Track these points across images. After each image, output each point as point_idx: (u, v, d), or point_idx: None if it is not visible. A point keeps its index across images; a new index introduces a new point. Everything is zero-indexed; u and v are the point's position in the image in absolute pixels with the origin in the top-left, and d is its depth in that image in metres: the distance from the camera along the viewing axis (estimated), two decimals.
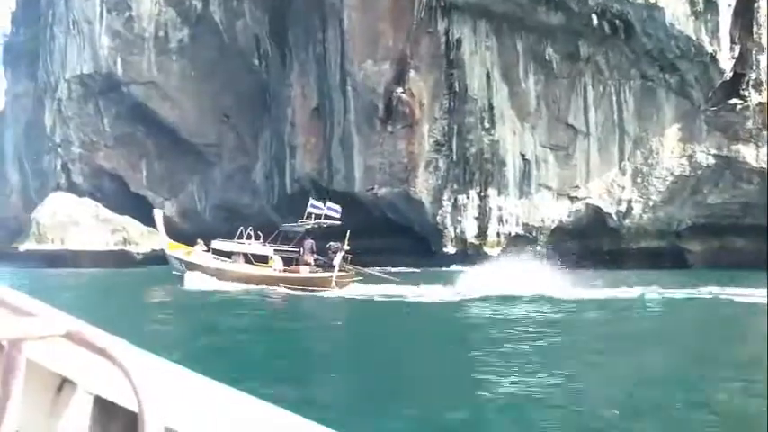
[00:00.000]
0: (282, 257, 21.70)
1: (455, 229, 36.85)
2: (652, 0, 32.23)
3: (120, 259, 36.78)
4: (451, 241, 36.76)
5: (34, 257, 36.07)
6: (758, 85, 32.63)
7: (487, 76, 36.96)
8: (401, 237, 38.62)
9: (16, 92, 63.45)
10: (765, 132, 32.48)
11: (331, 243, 21.28)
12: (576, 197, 36.05)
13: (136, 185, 48.19)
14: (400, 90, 37.63)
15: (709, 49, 32.18)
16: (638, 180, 35.09)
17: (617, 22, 33.49)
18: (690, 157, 34.22)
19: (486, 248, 35.93)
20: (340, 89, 39.46)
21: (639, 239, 35.53)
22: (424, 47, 37.79)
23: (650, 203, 35.05)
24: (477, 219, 36.71)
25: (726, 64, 32.41)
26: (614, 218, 35.49)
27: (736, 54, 32.56)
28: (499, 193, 36.54)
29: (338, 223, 21.92)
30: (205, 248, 21.68)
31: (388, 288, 19.19)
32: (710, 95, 33.33)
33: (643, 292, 16.78)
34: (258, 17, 44.17)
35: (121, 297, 19.75)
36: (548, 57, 35.91)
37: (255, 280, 20.04)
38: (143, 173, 48.05)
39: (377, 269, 23.18)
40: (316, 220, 21.68)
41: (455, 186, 37.02)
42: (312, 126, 41.92)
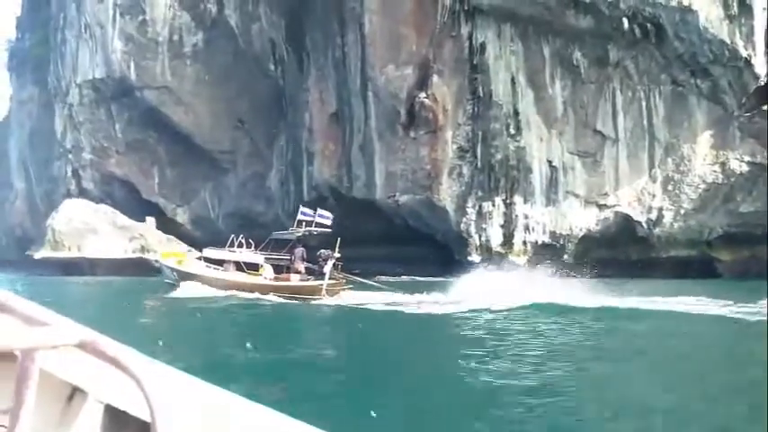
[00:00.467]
0: (274, 265, 21.76)
1: (480, 237, 35.92)
2: (685, 3, 31.52)
3: (139, 267, 35.69)
4: (476, 249, 35.81)
5: (47, 265, 35.01)
6: None
7: (512, 80, 36.13)
8: (423, 245, 37.71)
9: (21, 98, 62.62)
10: None
11: (321, 251, 21.06)
12: (605, 205, 35.16)
13: (147, 192, 47.15)
14: (423, 95, 36.74)
15: (744, 53, 31.46)
16: (669, 187, 34.23)
17: (648, 25, 32.76)
18: (723, 165, 33.41)
19: (512, 257, 35.04)
20: (360, 94, 38.58)
21: (669, 248, 34.66)
22: (447, 51, 36.97)
23: (681, 211, 34.18)
24: (502, 227, 35.76)
25: (761, 68, 31.66)
26: (644, 226, 34.60)
27: None
28: (525, 201, 35.63)
29: (330, 230, 21.92)
30: (198, 257, 22.04)
31: (387, 296, 19.18)
32: (744, 101, 32.54)
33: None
34: (274, 21, 43.36)
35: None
36: (575, 61, 35.11)
37: (246, 288, 20.13)
38: (155, 179, 47.02)
39: (387, 278, 23.45)
40: (306, 227, 21.64)
41: (480, 193, 36.09)
42: (330, 132, 41.04)
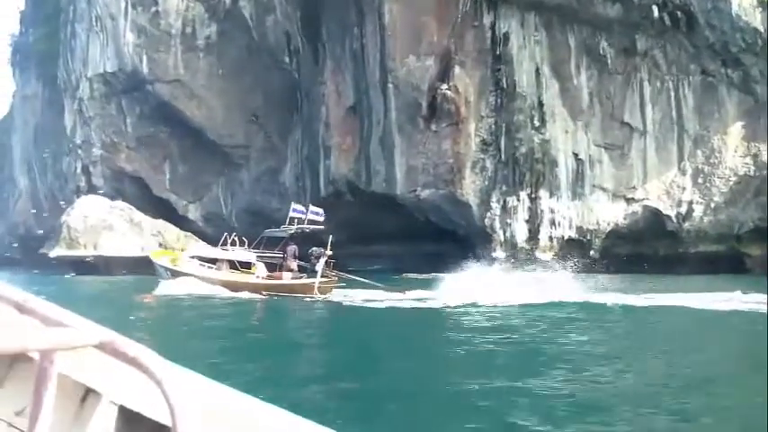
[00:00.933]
0: (266, 263, 21.77)
1: (504, 232, 35.04)
2: None
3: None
4: (501, 245, 34.91)
5: (61, 263, 34.03)
6: None
7: (537, 71, 35.25)
8: (446, 241, 36.78)
9: (25, 93, 61.51)
10: None
11: (313, 248, 20.94)
12: (633, 199, 34.31)
13: (158, 188, 46.14)
14: (445, 87, 35.76)
15: None
16: (700, 180, 33.40)
17: (678, 13, 31.92)
18: (755, 156, 32.60)
19: (538, 253, 34.19)
20: (380, 86, 37.58)
21: (698, 243, 33.78)
22: (469, 41, 36.04)
23: (712, 205, 33.35)
24: (527, 222, 34.89)
25: None
26: (674, 220, 33.76)
27: None
28: (551, 195, 34.75)
29: (322, 227, 21.80)
30: (191, 255, 22.14)
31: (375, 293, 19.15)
32: None
33: None
34: (289, 13, 42.35)
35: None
36: (601, 51, 34.25)
37: (238, 287, 20.10)
38: (166, 175, 45.99)
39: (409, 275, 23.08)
40: (299, 224, 21.50)
41: (504, 188, 35.20)
42: (348, 125, 40.07)
